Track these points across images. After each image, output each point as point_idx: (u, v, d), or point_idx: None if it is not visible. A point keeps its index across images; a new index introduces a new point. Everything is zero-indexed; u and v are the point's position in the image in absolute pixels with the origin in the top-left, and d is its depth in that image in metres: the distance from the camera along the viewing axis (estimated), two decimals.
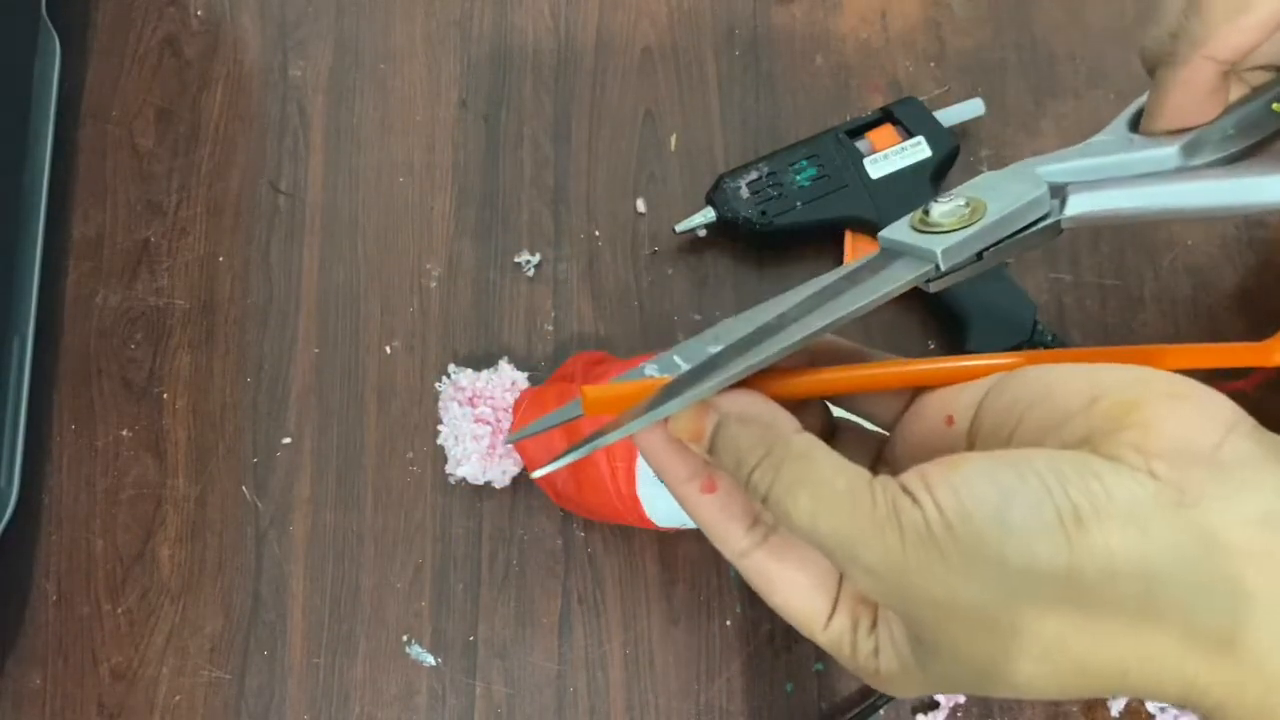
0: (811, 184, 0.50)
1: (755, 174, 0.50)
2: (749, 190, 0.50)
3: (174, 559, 0.50)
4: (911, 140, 0.50)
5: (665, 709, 0.48)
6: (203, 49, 0.57)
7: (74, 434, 0.52)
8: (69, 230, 0.55)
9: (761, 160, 0.51)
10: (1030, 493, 0.24)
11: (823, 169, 0.50)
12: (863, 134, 0.51)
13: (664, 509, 0.44)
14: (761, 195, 0.50)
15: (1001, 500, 0.24)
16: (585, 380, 0.46)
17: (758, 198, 0.50)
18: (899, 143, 0.50)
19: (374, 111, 0.56)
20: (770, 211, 0.50)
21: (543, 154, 0.55)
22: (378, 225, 0.54)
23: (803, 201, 0.50)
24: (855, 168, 0.50)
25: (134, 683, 0.49)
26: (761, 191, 0.50)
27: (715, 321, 0.53)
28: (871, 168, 0.50)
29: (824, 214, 0.50)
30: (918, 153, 0.50)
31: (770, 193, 0.50)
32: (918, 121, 0.51)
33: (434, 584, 0.50)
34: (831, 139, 0.51)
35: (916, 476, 0.25)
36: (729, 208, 0.50)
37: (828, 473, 0.26)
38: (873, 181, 0.50)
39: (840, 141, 0.51)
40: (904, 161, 0.50)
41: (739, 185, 0.50)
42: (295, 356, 0.53)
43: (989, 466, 0.25)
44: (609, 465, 0.44)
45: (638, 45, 0.56)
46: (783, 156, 0.51)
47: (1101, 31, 0.56)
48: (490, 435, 0.47)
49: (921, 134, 0.50)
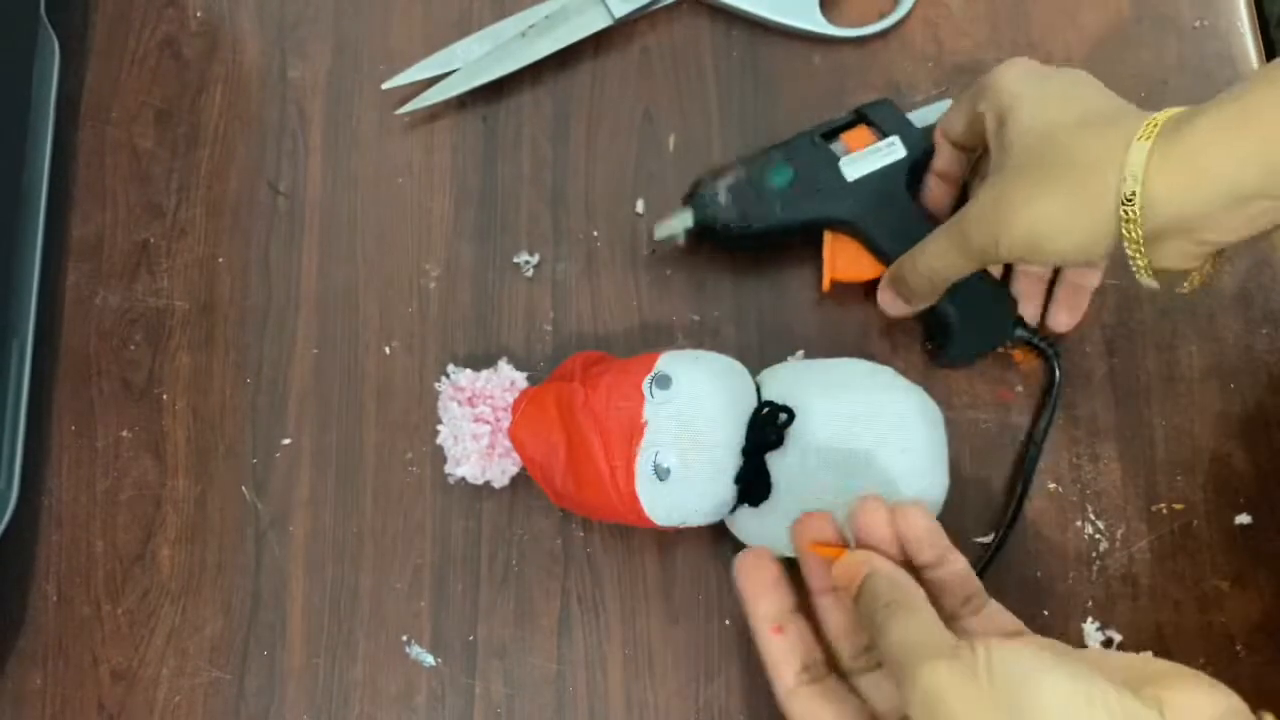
0: (789, 186, 0.49)
1: (732, 177, 0.50)
2: (727, 194, 0.49)
3: (174, 559, 0.50)
4: (886, 140, 0.50)
5: (664, 709, 0.48)
6: (202, 50, 0.57)
7: (74, 435, 0.52)
8: (68, 231, 0.55)
9: (738, 163, 0.50)
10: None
11: (799, 171, 0.50)
12: (837, 136, 0.51)
13: (664, 508, 0.44)
14: (740, 198, 0.49)
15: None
16: (584, 380, 0.46)
17: (736, 201, 0.49)
18: (873, 143, 0.50)
19: (373, 112, 0.56)
20: (750, 215, 0.49)
21: (541, 154, 0.55)
22: (376, 226, 0.54)
23: (781, 204, 0.49)
24: (831, 169, 0.50)
25: (134, 683, 0.49)
26: (740, 195, 0.49)
27: (714, 321, 0.53)
28: (848, 169, 0.49)
29: (802, 215, 0.49)
30: (893, 153, 0.50)
31: (748, 195, 0.49)
32: (891, 123, 0.50)
33: (433, 584, 0.50)
34: (807, 141, 0.50)
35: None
36: (708, 211, 0.49)
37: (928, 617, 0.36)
38: (849, 183, 0.49)
39: (815, 144, 0.50)
40: (879, 162, 0.50)
41: (716, 190, 0.49)
42: (295, 357, 0.53)
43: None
44: (608, 464, 0.44)
45: (636, 45, 0.56)
46: (759, 159, 0.50)
47: (1098, 31, 0.56)
48: (490, 435, 0.47)
49: (896, 134, 0.50)
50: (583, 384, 0.45)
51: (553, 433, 0.45)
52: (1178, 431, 0.50)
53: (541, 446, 0.46)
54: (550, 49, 0.54)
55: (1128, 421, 0.51)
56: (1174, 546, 0.49)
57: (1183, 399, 0.51)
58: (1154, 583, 0.49)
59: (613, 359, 0.48)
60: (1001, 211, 0.41)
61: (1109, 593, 0.49)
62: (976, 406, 0.51)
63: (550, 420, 0.46)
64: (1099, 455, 0.50)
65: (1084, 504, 0.50)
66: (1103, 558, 0.49)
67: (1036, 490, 0.50)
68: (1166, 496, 0.50)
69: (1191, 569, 0.49)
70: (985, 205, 0.42)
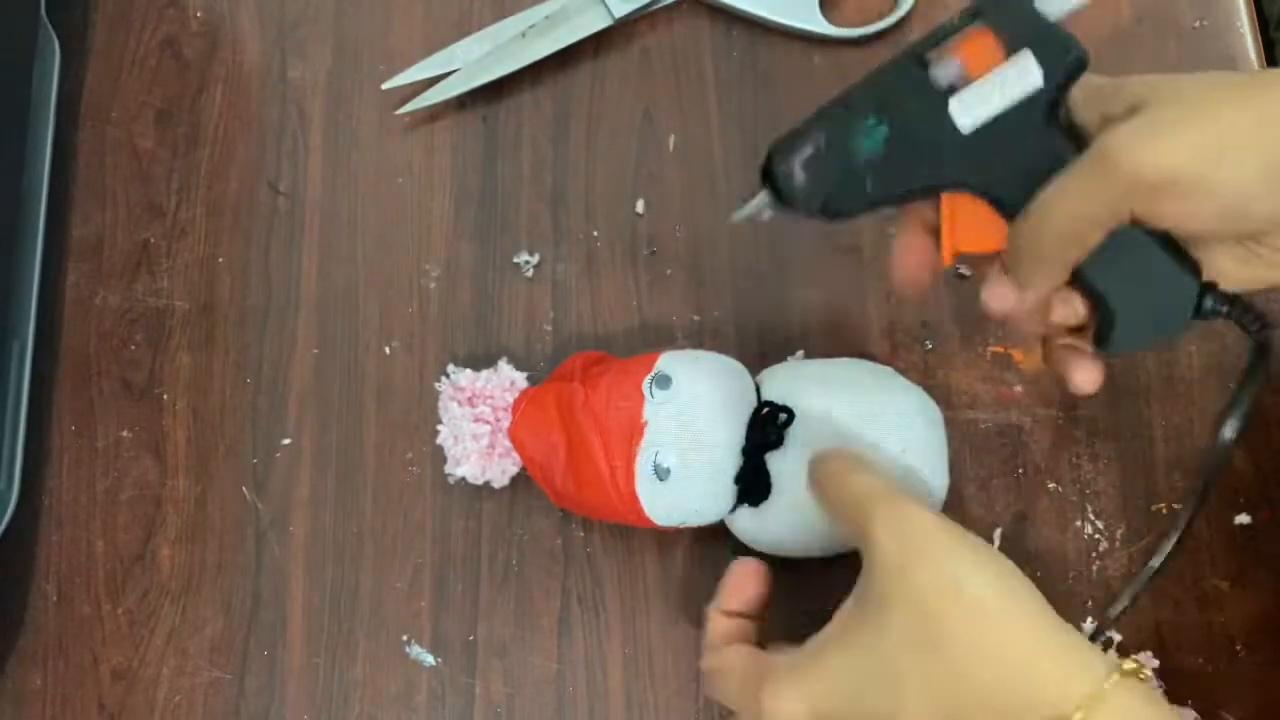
0: (884, 148, 0.38)
1: (810, 148, 0.38)
2: (803, 172, 0.39)
3: (174, 559, 0.50)
4: (1014, 62, 0.35)
5: (664, 708, 0.48)
6: (202, 50, 0.57)
7: (74, 435, 0.52)
8: (68, 232, 0.55)
9: (818, 122, 0.39)
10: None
11: (897, 125, 0.37)
12: (947, 47, 0.37)
13: (664, 507, 0.44)
14: (822, 176, 0.39)
15: None
16: (584, 380, 0.46)
17: (817, 179, 0.39)
18: (996, 63, 0.36)
19: (373, 113, 0.56)
20: (835, 198, 0.39)
21: (541, 154, 0.55)
22: (377, 226, 0.55)
23: (874, 177, 0.38)
24: (938, 116, 0.37)
25: (134, 683, 0.49)
26: (822, 169, 0.38)
27: (714, 321, 0.53)
28: (961, 115, 0.36)
29: (902, 187, 0.39)
30: (1025, 80, 0.36)
31: (831, 168, 0.38)
32: (1021, 26, 0.36)
33: (433, 584, 0.50)
34: (905, 77, 0.37)
35: None
36: (784, 194, 0.40)
37: None
38: (964, 136, 0.37)
39: (914, 78, 0.37)
40: (1005, 98, 0.36)
41: (791, 168, 0.39)
42: (295, 357, 0.53)
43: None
44: (608, 464, 0.44)
45: (636, 46, 0.56)
46: (844, 115, 0.38)
47: (1097, 31, 0.56)
48: (490, 435, 0.47)
49: (1027, 44, 0.35)
50: (583, 384, 0.45)
51: (553, 433, 0.45)
52: (1178, 431, 0.50)
53: (541, 446, 0.46)
54: (550, 49, 0.54)
55: (1128, 421, 0.51)
56: (1174, 546, 0.49)
57: (1182, 399, 0.51)
58: (1154, 582, 0.49)
59: (613, 359, 0.48)
60: (1176, 113, 0.33)
61: (1109, 592, 0.49)
62: (976, 406, 0.51)
63: (550, 420, 0.46)
64: (1099, 455, 0.50)
65: (1084, 504, 0.50)
66: (1102, 558, 0.49)
67: (1036, 490, 0.50)
68: (1166, 496, 0.50)
69: (1191, 569, 0.49)
70: (1143, 120, 0.34)
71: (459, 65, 0.55)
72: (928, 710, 0.34)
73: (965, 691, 0.33)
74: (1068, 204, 0.35)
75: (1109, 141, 0.34)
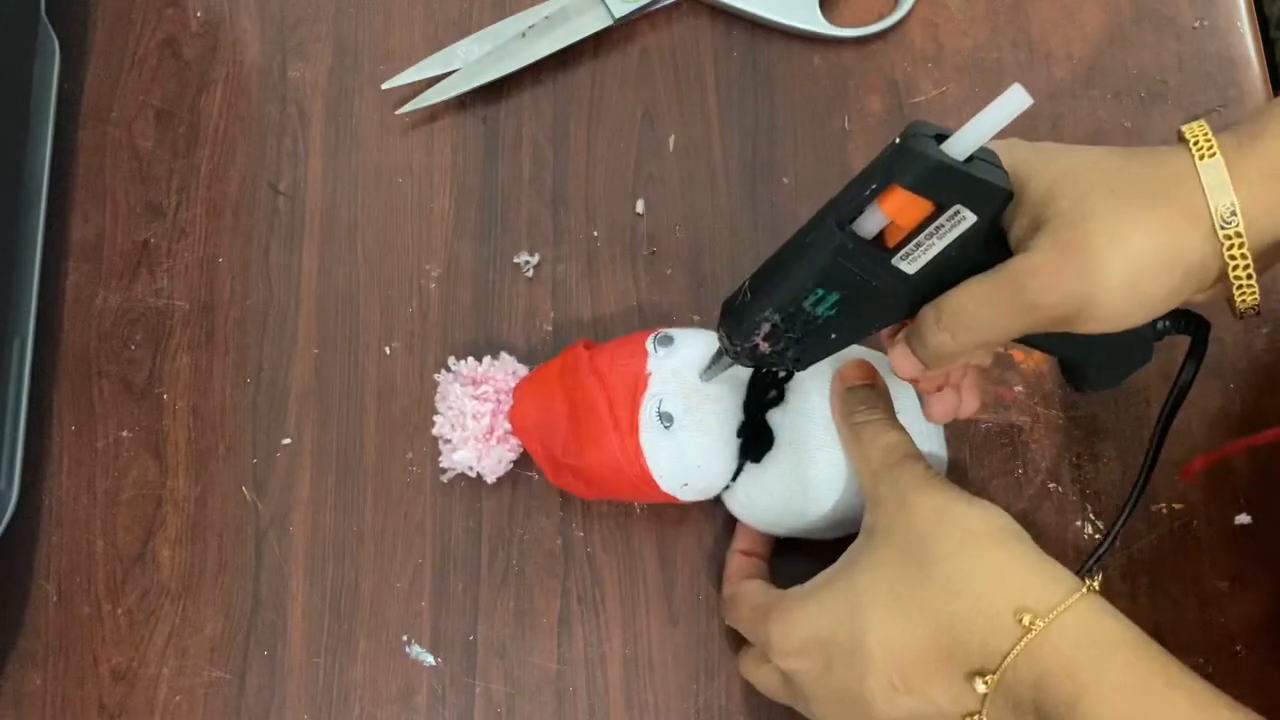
0: (839, 310, 0.39)
1: (767, 325, 0.39)
2: (767, 343, 0.40)
3: (174, 559, 0.50)
4: (947, 214, 0.36)
5: (664, 708, 0.48)
6: (202, 50, 0.57)
7: (74, 435, 0.52)
8: (68, 231, 0.55)
9: (764, 303, 0.39)
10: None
11: (845, 290, 0.38)
12: (871, 205, 0.37)
13: (666, 458, 0.44)
14: (787, 341, 0.40)
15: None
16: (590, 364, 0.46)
17: (783, 346, 0.40)
18: (924, 211, 0.36)
19: (373, 113, 0.56)
20: (805, 357, 0.41)
21: (542, 155, 0.55)
22: (377, 226, 0.55)
23: (837, 332, 0.40)
24: (883, 268, 0.37)
25: (134, 683, 0.49)
26: (785, 339, 0.40)
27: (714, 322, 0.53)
28: (904, 264, 0.37)
29: (865, 333, 0.40)
30: (959, 222, 0.36)
31: (795, 334, 0.40)
32: (944, 187, 0.35)
33: (433, 584, 0.50)
34: (837, 247, 0.37)
35: None
36: (753, 363, 0.41)
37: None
38: (912, 277, 0.38)
39: (849, 250, 0.37)
40: (944, 241, 0.37)
41: (754, 343, 0.40)
42: (295, 357, 0.53)
43: None
44: (611, 416, 0.44)
45: (636, 46, 0.56)
46: (788, 292, 0.39)
47: (1098, 31, 0.56)
48: (490, 417, 0.47)
49: (944, 198, 0.36)
50: (586, 349, 0.47)
51: (555, 400, 0.46)
52: (1178, 431, 0.50)
53: (542, 415, 0.46)
54: (550, 49, 0.54)
55: (1128, 421, 0.51)
56: (1174, 546, 0.49)
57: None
58: (1154, 582, 0.49)
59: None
60: (1087, 258, 0.35)
61: (1109, 592, 0.48)
62: None
63: (552, 389, 0.46)
64: (1099, 455, 0.50)
65: (1084, 504, 0.50)
66: (1103, 558, 0.49)
67: (1036, 490, 0.50)
68: (1166, 496, 0.50)
69: (1191, 569, 0.49)
70: (1054, 257, 0.35)
71: (459, 65, 0.55)
72: (919, 626, 0.38)
73: (951, 606, 0.38)
74: (973, 319, 0.37)
75: (1030, 270, 0.36)
